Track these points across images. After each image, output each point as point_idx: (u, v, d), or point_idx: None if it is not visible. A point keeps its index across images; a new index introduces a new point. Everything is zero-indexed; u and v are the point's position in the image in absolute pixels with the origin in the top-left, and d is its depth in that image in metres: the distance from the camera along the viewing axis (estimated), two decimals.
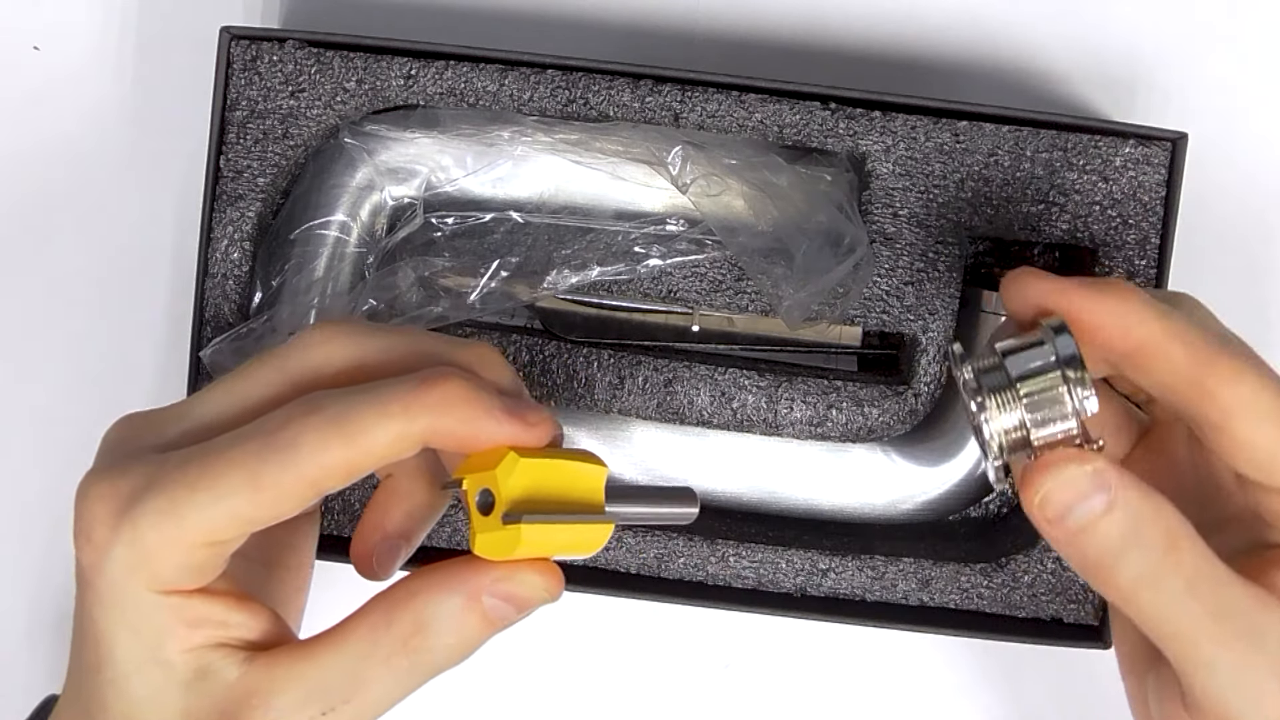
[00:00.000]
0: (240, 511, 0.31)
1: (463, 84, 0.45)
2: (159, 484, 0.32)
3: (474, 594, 0.33)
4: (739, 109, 0.45)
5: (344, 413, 0.31)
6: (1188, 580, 0.32)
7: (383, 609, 0.33)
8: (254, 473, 0.31)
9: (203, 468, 0.31)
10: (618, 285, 0.46)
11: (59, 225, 0.51)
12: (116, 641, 0.32)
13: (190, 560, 0.32)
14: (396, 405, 0.32)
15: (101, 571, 0.32)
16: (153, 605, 0.32)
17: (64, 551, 0.52)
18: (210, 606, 0.33)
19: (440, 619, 0.33)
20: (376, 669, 0.33)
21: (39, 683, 0.52)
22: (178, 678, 0.33)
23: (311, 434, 0.31)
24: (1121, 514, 0.32)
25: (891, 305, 0.46)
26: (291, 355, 0.34)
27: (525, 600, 0.33)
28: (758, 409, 0.46)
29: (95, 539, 0.32)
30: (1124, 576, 0.32)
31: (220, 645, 0.33)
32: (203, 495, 0.31)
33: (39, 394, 0.51)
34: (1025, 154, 0.45)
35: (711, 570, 0.47)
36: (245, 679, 0.33)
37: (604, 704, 0.52)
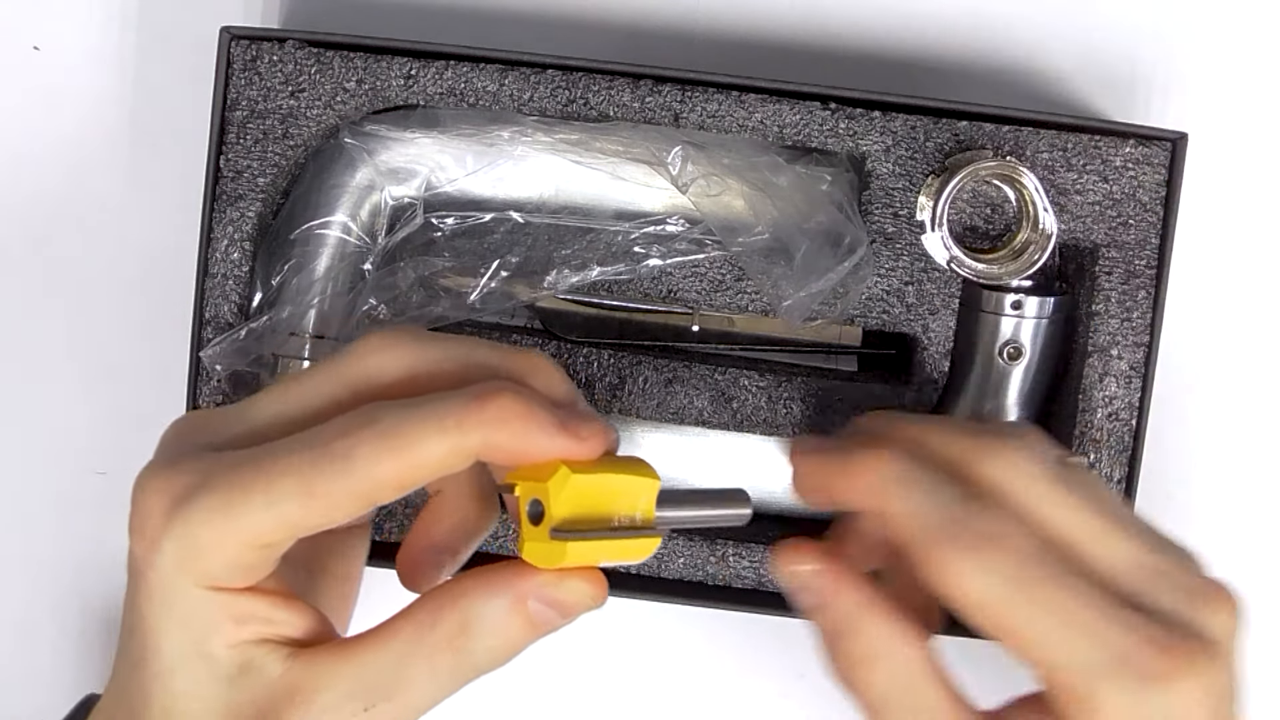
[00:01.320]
0: (291, 517, 0.32)
1: (463, 84, 0.45)
2: (212, 483, 0.32)
3: (520, 598, 0.33)
4: (739, 109, 0.45)
5: (398, 426, 0.32)
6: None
7: (429, 608, 0.33)
8: (307, 480, 0.31)
9: (256, 471, 0.32)
10: (618, 285, 0.46)
11: (59, 225, 0.51)
12: (163, 635, 0.33)
13: (240, 560, 0.32)
14: (451, 420, 0.32)
15: (152, 564, 0.32)
16: (200, 600, 0.32)
17: (67, 550, 0.52)
18: (257, 603, 0.33)
19: (485, 620, 0.33)
20: (419, 668, 0.33)
21: (60, 683, 0.52)
22: (221, 672, 0.33)
23: (366, 446, 0.31)
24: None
25: (891, 305, 0.46)
26: (348, 363, 0.34)
27: (571, 607, 0.34)
28: (758, 409, 0.46)
29: (148, 532, 0.32)
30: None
31: (265, 641, 0.33)
32: (256, 498, 0.31)
33: (39, 394, 0.51)
34: (1025, 154, 0.45)
35: (711, 570, 0.47)
36: (288, 675, 0.33)
37: (604, 704, 0.52)
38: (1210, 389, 0.50)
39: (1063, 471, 0.35)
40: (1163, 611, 0.33)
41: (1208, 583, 0.35)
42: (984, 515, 0.33)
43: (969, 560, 0.33)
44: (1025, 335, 0.45)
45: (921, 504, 0.34)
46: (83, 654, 0.52)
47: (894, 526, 0.34)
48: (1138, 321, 0.45)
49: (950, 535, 0.33)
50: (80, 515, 0.52)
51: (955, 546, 0.33)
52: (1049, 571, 0.33)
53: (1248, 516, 0.51)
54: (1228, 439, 0.50)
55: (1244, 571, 0.51)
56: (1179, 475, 0.50)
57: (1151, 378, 0.45)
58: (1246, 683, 0.36)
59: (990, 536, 0.33)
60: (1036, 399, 0.46)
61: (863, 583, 0.36)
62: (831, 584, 0.36)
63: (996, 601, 0.33)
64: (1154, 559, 0.34)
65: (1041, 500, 0.34)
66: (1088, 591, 0.33)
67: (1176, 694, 0.32)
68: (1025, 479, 0.35)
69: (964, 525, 0.33)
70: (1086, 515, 0.34)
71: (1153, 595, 0.34)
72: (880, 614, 0.35)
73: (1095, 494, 0.35)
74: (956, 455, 0.35)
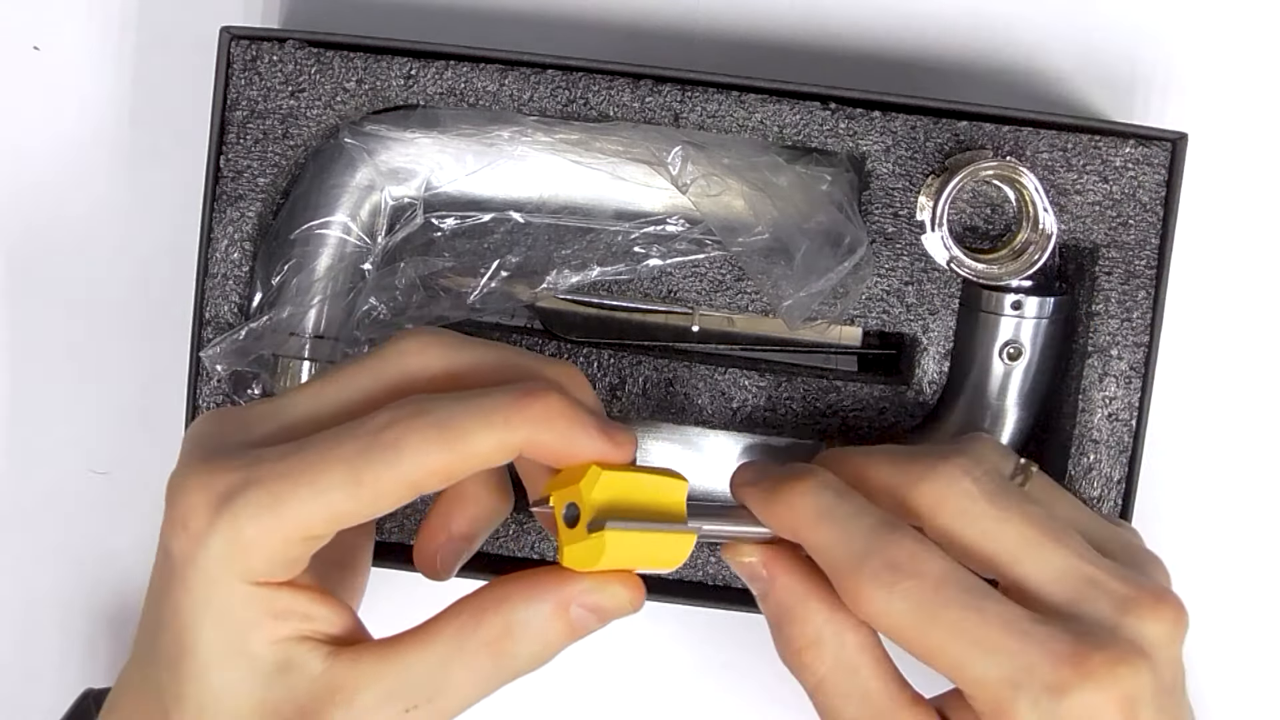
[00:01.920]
0: (338, 507, 0.32)
1: (463, 84, 0.45)
2: (258, 478, 0.32)
3: (563, 603, 0.34)
4: (739, 109, 0.45)
5: (449, 418, 0.32)
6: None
7: (471, 611, 0.34)
8: (355, 469, 0.32)
9: (303, 463, 0.32)
10: (618, 285, 0.46)
11: (59, 225, 0.51)
12: (200, 631, 0.33)
13: (284, 553, 0.33)
14: (499, 415, 0.33)
15: (195, 561, 0.32)
16: (242, 596, 0.33)
17: (67, 550, 0.52)
18: (296, 599, 0.33)
19: (528, 624, 0.34)
20: (462, 670, 0.33)
21: (61, 682, 0.52)
22: (260, 669, 0.33)
23: (416, 436, 0.32)
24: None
25: (891, 305, 0.46)
26: (387, 361, 0.35)
27: (610, 612, 0.35)
28: (757, 409, 0.46)
29: (192, 529, 0.32)
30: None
31: (305, 639, 0.33)
32: (303, 490, 0.32)
33: (39, 394, 0.51)
34: (1025, 154, 0.45)
35: (711, 570, 0.47)
36: (329, 673, 0.33)
37: (604, 704, 0.52)
38: (1210, 389, 0.50)
39: (997, 489, 0.37)
40: (1087, 620, 0.34)
41: (1144, 590, 0.35)
42: (895, 544, 0.35)
43: (878, 589, 0.34)
44: (1025, 335, 0.45)
45: (835, 535, 0.35)
46: (83, 653, 0.52)
47: (815, 556, 0.36)
48: (1138, 322, 0.45)
49: (860, 566, 0.35)
50: (80, 515, 0.52)
51: (865, 577, 0.35)
52: (955, 595, 0.34)
53: (1247, 517, 0.51)
54: (1228, 439, 0.50)
55: (1244, 571, 0.51)
56: (1179, 476, 0.50)
57: (1151, 378, 0.45)
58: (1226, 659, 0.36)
59: (897, 566, 0.34)
60: (1036, 399, 0.46)
61: (805, 570, 0.37)
62: (773, 572, 0.37)
63: (908, 627, 0.34)
64: (1086, 568, 0.36)
65: (972, 520, 0.36)
66: (996, 609, 0.34)
67: (1084, 702, 0.33)
68: (956, 500, 0.36)
69: (873, 556, 0.35)
70: (1016, 530, 0.36)
71: (1079, 604, 0.35)
72: (820, 600, 0.36)
73: (1031, 509, 0.36)
74: (893, 484, 0.37)
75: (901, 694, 0.36)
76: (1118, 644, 0.34)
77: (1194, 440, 0.50)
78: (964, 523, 0.36)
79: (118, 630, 0.52)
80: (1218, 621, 0.50)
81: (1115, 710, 0.33)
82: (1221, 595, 0.50)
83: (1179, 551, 0.41)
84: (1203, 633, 0.41)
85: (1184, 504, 0.50)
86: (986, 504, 0.36)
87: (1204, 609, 0.43)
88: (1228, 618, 0.50)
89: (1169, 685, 0.35)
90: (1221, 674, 0.50)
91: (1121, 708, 0.33)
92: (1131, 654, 0.34)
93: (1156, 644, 0.34)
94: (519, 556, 0.47)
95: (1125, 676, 0.33)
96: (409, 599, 0.35)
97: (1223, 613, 0.50)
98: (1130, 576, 0.36)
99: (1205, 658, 0.49)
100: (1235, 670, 0.51)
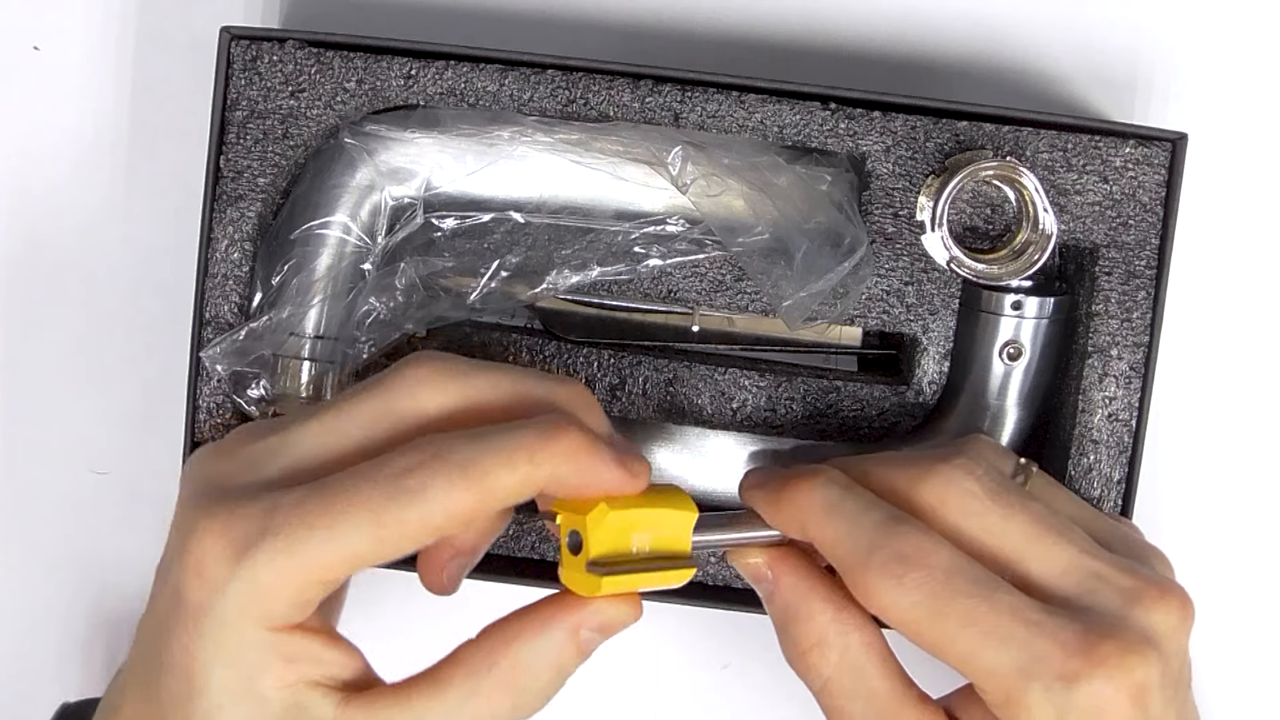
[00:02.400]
0: (359, 551, 0.32)
1: (463, 84, 0.45)
2: (276, 526, 0.32)
3: (572, 631, 0.34)
4: (739, 109, 0.45)
5: (472, 460, 0.32)
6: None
7: (482, 653, 0.34)
8: (378, 515, 0.32)
9: (322, 508, 0.32)
10: (618, 285, 0.46)
11: (59, 225, 0.51)
12: (211, 674, 0.33)
13: (301, 597, 0.33)
14: (522, 454, 0.33)
15: (211, 608, 0.32)
16: (254, 640, 0.33)
17: (67, 550, 0.52)
18: (308, 644, 0.33)
19: (541, 658, 0.34)
20: (478, 712, 0.34)
21: (61, 682, 0.52)
22: (272, 713, 0.33)
23: (440, 480, 0.32)
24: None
25: (891, 305, 0.46)
26: (395, 395, 0.35)
27: (613, 629, 0.35)
28: (758, 409, 0.46)
29: (208, 575, 0.32)
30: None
31: (316, 684, 0.33)
32: (321, 535, 0.32)
33: (39, 394, 0.51)
34: (1025, 154, 0.45)
35: (711, 570, 0.47)
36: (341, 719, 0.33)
37: (604, 704, 0.52)
38: (1210, 389, 0.50)
39: (999, 487, 0.37)
40: (1095, 612, 0.35)
41: (1149, 582, 0.36)
42: (903, 536, 0.35)
43: (887, 581, 0.34)
44: (1025, 335, 0.45)
45: (843, 530, 0.36)
46: (83, 654, 0.52)
47: (824, 552, 0.36)
48: (1138, 322, 0.45)
49: (869, 559, 0.35)
50: (80, 515, 0.52)
51: (874, 569, 0.35)
52: (964, 585, 0.34)
53: (1248, 517, 0.51)
54: (1228, 439, 0.50)
55: (1244, 571, 0.51)
56: (1179, 476, 0.50)
57: (1151, 378, 0.45)
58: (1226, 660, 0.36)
59: (906, 558, 0.34)
60: (1036, 399, 0.46)
61: (810, 571, 0.37)
62: (778, 573, 0.38)
63: (919, 619, 0.34)
64: (1091, 563, 0.36)
65: (975, 518, 0.36)
66: (1006, 600, 0.34)
67: (1096, 690, 0.33)
68: (958, 498, 0.36)
69: (883, 548, 0.35)
70: (1020, 526, 0.36)
71: (1087, 596, 0.35)
72: (825, 600, 0.37)
73: (1032, 506, 0.37)
74: (896, 484, 0.37)
75: (908, 693, 0.36)
76: (1127, 634, 0.34)
77: (1194, 440, 0.50)
78: (968, 521, 0.36)
79: (120, 629, 0.52)
80: (1218, 621, 0.50)
81: (1126, 699, 0.33)
82: (1222, 595, 0.50)
83: (1179, 551, 0.41)
84: (1204, 632, 0.41)
85: (1184, 504, 0.50)
86: (990, 502, 0.36)
87: (1205, 608, 0.43)
88: (1228, 617, 0.50)
89: (1176, 676, 0.35)
90: (1222, 673, 0.50)
91: (1132, 696, 0.33)
92: (1141, 643, 0.34)
93: (1164, 635, 0.35)
94: (519, 556, 0.47)
95: (1135, 666, 0.33)
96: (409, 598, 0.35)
97: (1223, 612, 0.50)
98: (1135, 569, 0.36)
99: (1206, 656, 0.48)
100: (1236, 669, 0.51)
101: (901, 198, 0.45)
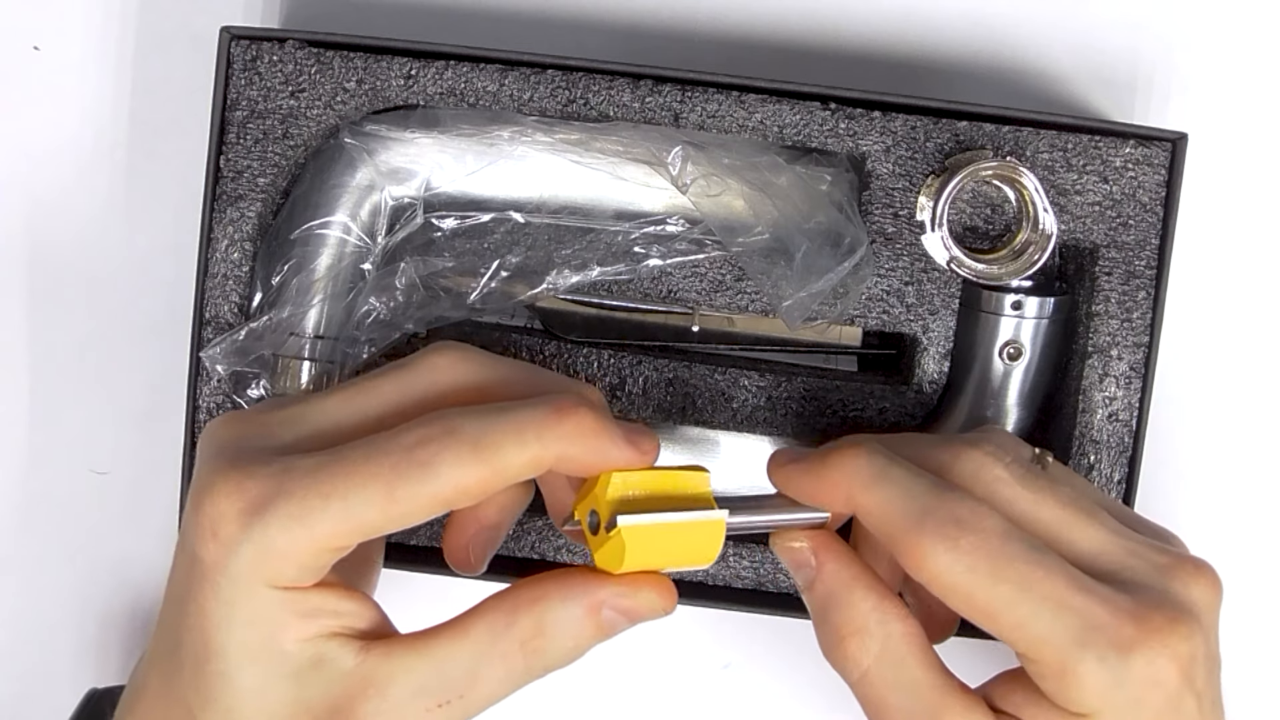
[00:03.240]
0: (369, 521, 0.32)
1: (463, 84, 0.45)
2: (290, 489, 0.32)
3: (595, 605, 0.34)
4: (739, 109, 0.45)
5: (483, 436, 0.33)
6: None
7: (504, 609, 0.34)
8: (389, 486, 0.32)
9: (335, 475, 0.32)
10: (618, 285, 0.46)
11: (59, 225, 0.51)
12: (230, 634, 0.33)
13: (312, 562, 0.33)
14: (532, 431, 0.33)
15: (224, 567, 0.33)
16: (270, 600, 0.33)
17: (67, 550, 0.52)
18: (324, 598, 0.34)
19: (560, 624, 0.34)
20: (493, 667, 0.34)
21: (61, 682, 0.52)
22: (291, 668, 0.33)
23: (450, 454, 0.32)
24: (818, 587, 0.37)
25: (891, 305, 0.46)
26: (417, 375, 0.35)
27: (641, 614, 0.35)
28: (758, 409, 0.46)
29: (222, 535, 0.33)
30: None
31: (335, 635, 0.34)
32: (335, 504, 0.32)
33: (39, 394, 0.51)
34: (1025, 154, 0.45)
35: (711, 570, 0.47)
36: (361, 668, 0.33)
37: (604, 703, 0.52)
38: (1210, 389, 0.50)
39: (1029, 471, 0.37)
40: (1137, 584, 0.34)
41: (1183, 558, 0.36)
42: (955, 502, 0.35)
43: (941, 545, 0.34)
44: (1025, 335, 0.45)
45: (894, 495, 0.35)
46: (82, 653, 0.52)
47: (870, 520, 0.36)
48: (1138, 322, 0.45)
49: (922, 523, 0.34)
50: (80, 515, 0.52)
51: (927, 533, 0.34)
52: (1020, 551, 0.34)
53: (1247, 517, 0.51)
54: (1228, 440, 0.50)
55: (1243, 571, 0.51)
56: (1179, 476, 0.50)
57: (1151, 378, 0.45)
58: (1227, 659, 0.36)
59: (961, 521, 0.34)
60: (1036, 399, 0.46)
61: (851, 558, 0.37)
62: (821, 559, 0.37)
63: (971, 584, 0.34)
64: (1124, 542, 0.36)
65: (1007, 504, 0.36)
66: (1059, 567, 0.34)
67: (1150, 660, 0.33)
68: (988, 485, 0.36)
69: (935, 512, 0.34)
70: (1054, 508, 0.36)
71: (1126, 572, 0.35)
72: (867, 588, 0.36)
73: (1061, 490, 0.36)
74: (927, 464, 0.37)
75: (949, 684, 0.36)
76: (1173, 607, 0.34)
77: (1194, 440, 0.50)
78: (1002, 501, 0.36)
79: (120, 629, 0.52)
80: (1219, 620, 0.50)
81: (1176, 670, 0.33)
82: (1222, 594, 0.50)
83: None
84: None
85: (1184, 504, 0.50)
86: (1020, 487, 0.36)
87: None
88: (1228, 617, 0.50)
89: (1215, 651, 0.35)
90: (1223, 672, 0.50)
91: (1181, 668, 0.33)
92: (1186, 615, 0.34)
93: (1203, 608, 0.35)
94: (519, 557, 0.47)
95: (1185, 637, 0.33)
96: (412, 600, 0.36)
97: (1223, 612, 0.50)
98: (1166, 547, 0.36)
99: None
100: (1236, 668, 0.51)
101: (901, 198, 0.45)
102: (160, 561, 0.49)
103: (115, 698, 0.37)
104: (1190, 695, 0.33)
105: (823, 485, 0.37)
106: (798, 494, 0.37)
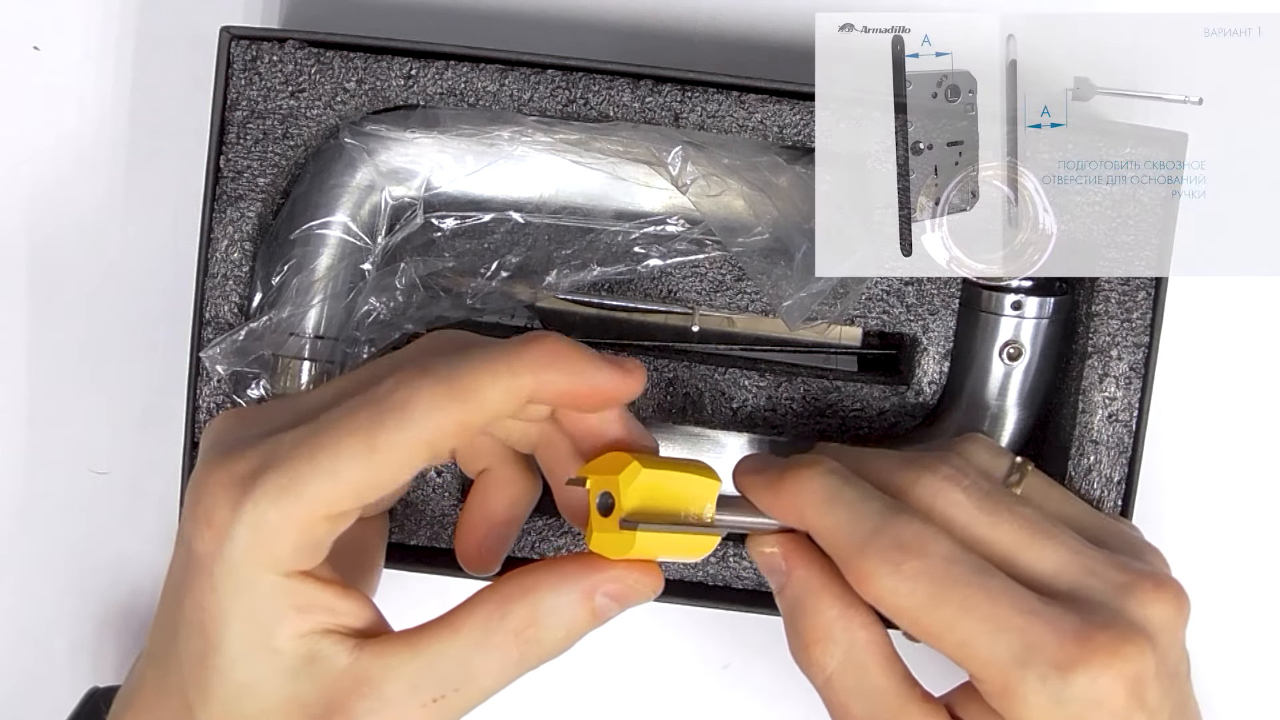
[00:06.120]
0: (357, 479, 0.32)
1: (463, 84, 0.45)
2: (275, 461, 0.32)
3: (589, 591, 0.34)
4: (739, 109, 0.45)
5: (453, 372, 0.33)
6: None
7: (496, 601, 0.34)
8: (369, 436, 0.32)
9: (317, 438, 0.33)
10: (618, 285, 0.46)
11: (59, 225, 0.51)
12: (228, 627, 0.33)
13: (309, 535, 0.33)
14: (502, 362, 0.33)
15: (220, 556, 0.33)
16: (267, 589, 0.33)
17: (67, 550, 0.52)
18: (319, 592, 0.34)
19: (554, 613, 0.34)
20: (488, 659, 0.34)
21: (61, 682, 0.52)
22: (286, 664, 0.33)
23: (424, 394, 0.32)
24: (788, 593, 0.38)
25: (891, 305, 0.46)
26: (405, 354, 0.36)
27: (631, 599, 0.35)
28: (758, 409, 0.46)
29: (216, 521, 0.33)
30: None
31: (330, 632, 0.34)
32: (321, 465, 0.32)
33: (39, 394, 0.51)
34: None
35: (711, 570, 0.47)
36: (355, 666, 0.33)
37: (604, 703, 0.52)
38: (1210, 389, 0.50)
39: (985, 495, 0.37)
40: (1091, 603, 0.35)
41: (1142, 576, 0.36)
42: (900, 525, 0.35)
43: (884, 568, 0.34)
44: (1025, 335, 0.45)
45: (843, 518, 0.36)
46: (82, 653, 0.52)
47: (821, 540, 0.36)
48: (1138, 322, 0.45)
49: (867, 546, 0.35)
50: (80, 515, 0.52)
51: (871, 556, 0.35)
52: (963, 574, 0.34)
53: (1248, 517, 0.51)
54: (1227, 440, 0.50)
55: (1244, 572, 0.51)
56: (1179, 476, 0.50)
57: (1151, 378, 0.45)
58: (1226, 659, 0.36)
59: (904, 545, 0.35)
60: (1036, 399, 0.46)
61: (821, 565, 0.37)
62: (791, 565, 0.37)
63: (915, 607, 0.34)
64: (1083, 560, 0.36)
65: (965, 523, 0.36)
66: (1003, 589, 0.34)
67: (1093, 679, 0.33)
68: (947, 505, 0.36)
69: (880, 536, 0.35)
70: (1010, 529, 0.36)
71: (1082, 591, 0.35)
72: (834, 595, 0.37)
73: (1020, 510, 0.37)
74: (886, 486, 0.37)
75: (910, 692, 0.36)
76: (1122, 625, 0.34)
77: (1194, 440, 0.50)
78: (954, 530, 0.36)
79: (119, 629, 0.52)
80: (1219, 621, 0.50)
81: (1122, 689, 0.33)
82: (1222, 595, 0.50)
83: (1179, 551, 0.41)
84: (1204, 631, 0.41)
85: (1184, 505, 0.50)
86: (976, 510, 0.36)
87: (1205, 608, 0.43)
88: (1229, 617, 0.50)
89: (1173, 668, 0.35)
90: (1223, 673, 0.50)
91: (1128, 687, 0.33)
92: (1136, 634, 0.34)
93: (1160, 627, 0.35)
94: (518, 557, 0.47)
95: (1131, 656, 0.33)
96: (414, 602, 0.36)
97: (1224, 612, 0.50)
98: (1127, 564, 0.36)
99: (1206, 655, 0.48)
100: (1237, 669, 0.51)
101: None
102: (159, 561, 0.49)
103: (114, 697, 0.37)
104: (1141, 713, 0.34)
105: (778, 501, 0.37)
106: (757, 504, 0.38)
